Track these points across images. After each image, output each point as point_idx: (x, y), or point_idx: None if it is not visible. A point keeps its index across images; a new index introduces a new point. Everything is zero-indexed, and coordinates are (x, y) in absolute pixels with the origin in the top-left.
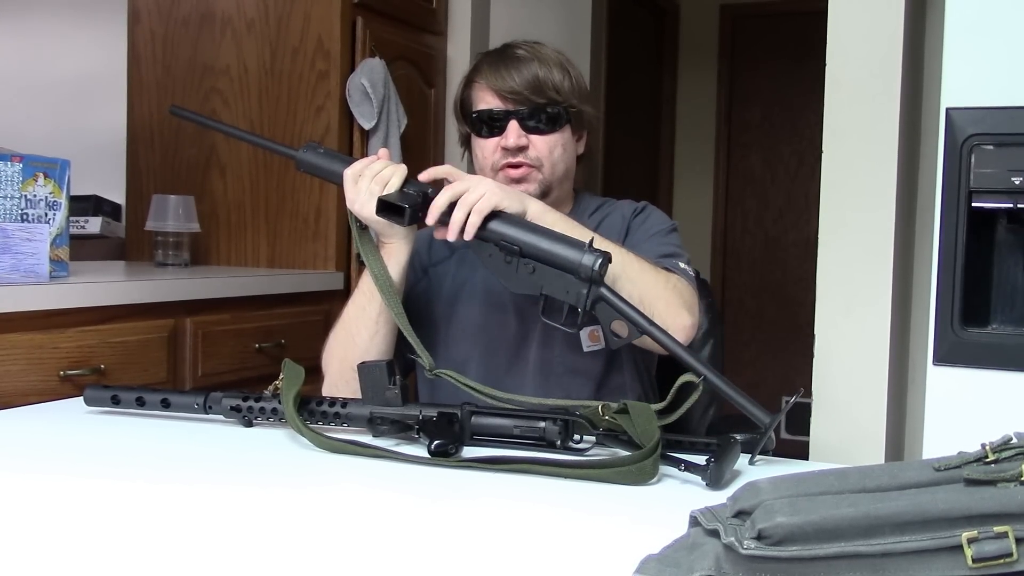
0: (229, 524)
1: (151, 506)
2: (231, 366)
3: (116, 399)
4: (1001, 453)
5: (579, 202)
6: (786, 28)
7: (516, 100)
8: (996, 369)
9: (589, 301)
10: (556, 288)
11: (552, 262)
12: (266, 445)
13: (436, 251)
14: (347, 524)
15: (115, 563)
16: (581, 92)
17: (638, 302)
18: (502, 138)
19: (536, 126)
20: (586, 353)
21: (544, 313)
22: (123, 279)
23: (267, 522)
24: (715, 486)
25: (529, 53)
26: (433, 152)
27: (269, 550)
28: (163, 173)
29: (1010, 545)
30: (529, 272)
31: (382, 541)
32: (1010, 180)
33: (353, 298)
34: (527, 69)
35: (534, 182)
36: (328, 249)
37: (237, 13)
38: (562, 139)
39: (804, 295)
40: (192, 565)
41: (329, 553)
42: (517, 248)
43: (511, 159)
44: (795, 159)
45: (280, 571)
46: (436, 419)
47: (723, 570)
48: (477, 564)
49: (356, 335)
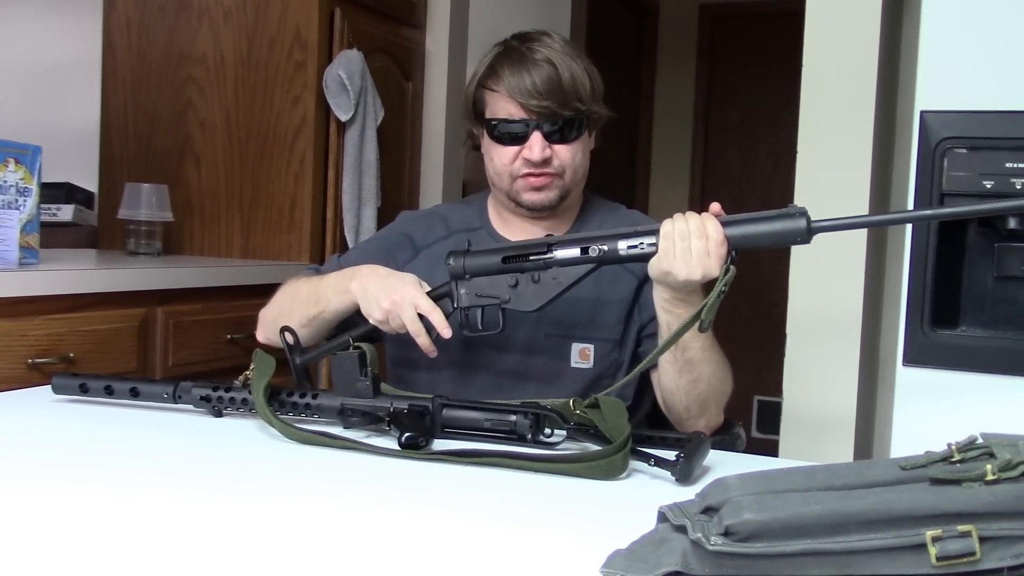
0: (195, 516)
1: (116, 498)
2: (202, 356)
3: (84, 387)
4: (966, 453)
5: (586, 208)
6: (765, 29)
7: (541, 112)
8: (964, 371)
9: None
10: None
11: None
12: (235, 435)
13: (432, 232)
14: (315, 516)
15: (79, 554)
16: (598, 92)
17: (697, 383)
18: (525, 148)
19: (559, 136)
20: (572, 368)
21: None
22: (94, 267)
23: (233, 515)
24: (684, 482)
25: (550, 55)
26: (411, 145)
27: (234, 543)
28: (137, 161)
29: (973, 544)
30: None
31: (350, 534)
32: (982, 184)
33: (313, 292)
34: (551, 76)
35: (555, 189)
36: (303, 240)
37: (214, 1)
38: (583, 145)
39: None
40: (156, 558)
41: (295, 546)
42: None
43: (534, 170)
44: (772, 159)
45: (245, 563)
46: (407, 411)
47: (690, 565)
48: (444, 557)
49: (290, 315)
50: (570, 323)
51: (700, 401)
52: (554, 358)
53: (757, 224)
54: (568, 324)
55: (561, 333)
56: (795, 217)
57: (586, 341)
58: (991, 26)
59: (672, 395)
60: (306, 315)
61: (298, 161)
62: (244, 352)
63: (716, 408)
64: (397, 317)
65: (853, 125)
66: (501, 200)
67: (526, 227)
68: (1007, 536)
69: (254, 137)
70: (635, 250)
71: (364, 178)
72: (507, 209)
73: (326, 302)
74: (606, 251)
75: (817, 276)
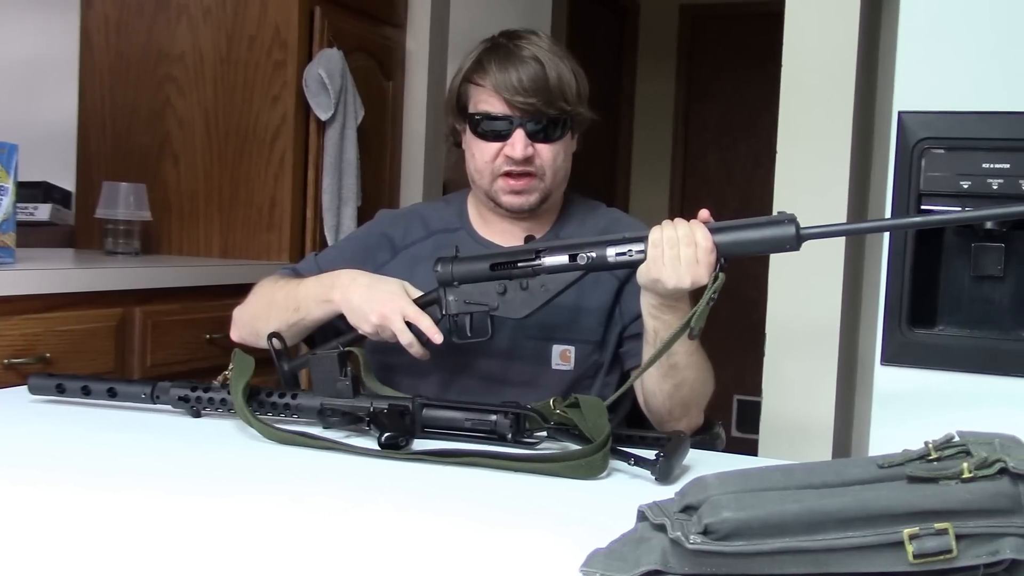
0: (173, 518)
1: (93, 499)
2: (181, 356)
3: (61, 388)
4: (943, 451)
5: (567, 208)
6: (744, 30)
7: (525, 110)
8: (942, 370)
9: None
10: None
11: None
12: (214, 436)
13: (412, 233)
14: (293, 516)
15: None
16: (584, 94)
17: (680, 387)
18: (507, 145)
19: (543, 135)
20: (553, 370)
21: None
22: (71, 266)
23: (212, 515)
24: (664, 481)
25: (538, 53)
26: (391, 145)
27: (212, 544)
28: (115, 160)
29: (950, 542)
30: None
31: (329, 534)
32: (959, 184)
33: (292, 299)
34: (538, 74)
35: (536, 192)
36: (282, 240)
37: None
38: (565, 146)
39: (758, 295)
40: (133, 560)
41: (273, 546)
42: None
43: (514, 168)
44: (751, 159)
45: (224, 564)
46: (387, 411)
47: (669, 564)
48: (424, 557)
49: (267, 319)
50: (551, 325)
51: (682, 404)
52: (535, 360)
53: (746, 231)
54: (549, 326)
55: (542, 335)
56: (784, 224)
57: (567, 343)
58: (968, 28)
59: (654, 398)
60: (284, 322)
61: (278, 160)
62: (223, 352)
63: (697, 410)
64: (387, 329)
65: (832, 126)
66: (481, 199)
67: (506, 227)
68: (983, 533)
69: (233, 136)
70: (623, 257)
71: (344, 178)
72: (487, 208)
73: (306, 311)
74: (594, 258)
75: (796, 276)
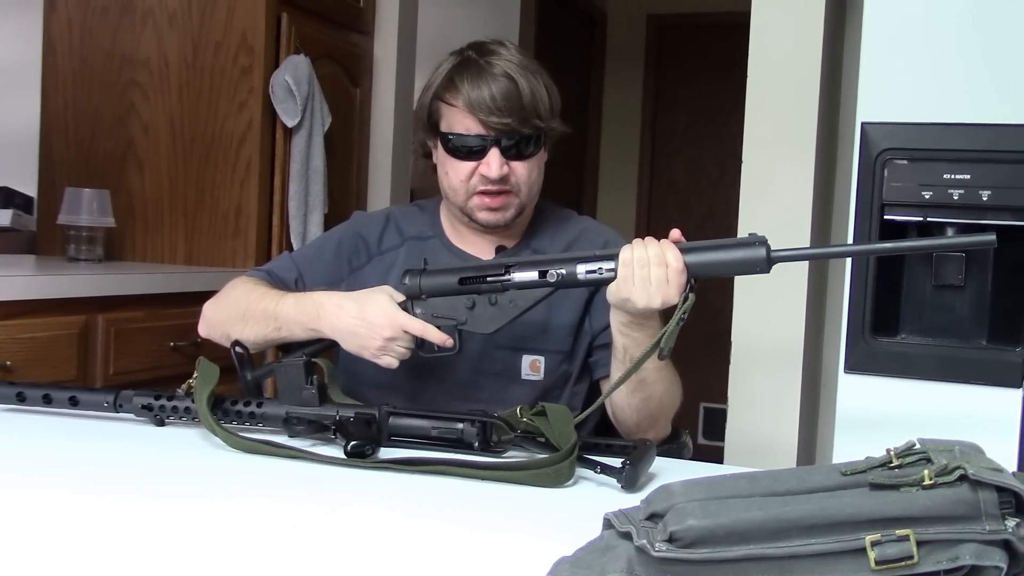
0: (136, 524)
1: (53, 509)
2: (145, 364)
3: (22, 396)
4: (905, 458)
5: (538, 217)
6: (711, 39)
7: (500, 129)
8: (904, 378)
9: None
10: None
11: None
12: (178, 445)
13: (387, 239)
14: (258, 526)
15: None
16: (556, 108)
17: (648, 401)
18: (482, 164)
19: (517, 152)
20: (522, 380)
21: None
22: (32, 273)
23: (174, 527)
24: (630, 489)
25: (509, 69)
26: (358, 152)
27: (175, 556)
28: (77, 166)
29: (911, 548)
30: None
31: (294, 543)
32: (921, 194)
33: (271, 315)
34: (511, 92)
35: (511, 208)
36: (248, 247)
37: (159, 4)
38: (539, 161)
39: (724, 303)
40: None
41: (237, 557)
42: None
43: (490, 187)
44: (717, 168)
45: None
46: (353, 420)
47: (635, 572)
48: (389, 567)
49: (243, 327)
50: (521, 335)
51: (650, 417)
52: (505, 370)
53: (717, 252)
54: (519, 336)
55: (512, 345)
56: (755, 246)
57: (536, 353)
58: (930, 41)
59: (623, 411)
60: (263, 335)
61: (244, 167)
62: (188, 360)
63: (665, 421)
64: (392, 351)
65: (796, 135)
66: (455, 213)
67: (478, 238)
68: (944, 540)
69: (199, 142)
70: (594, 275)
71: (311, 184)
72: (460, 222)
73: (289, 332)
74: (564, 275)
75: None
